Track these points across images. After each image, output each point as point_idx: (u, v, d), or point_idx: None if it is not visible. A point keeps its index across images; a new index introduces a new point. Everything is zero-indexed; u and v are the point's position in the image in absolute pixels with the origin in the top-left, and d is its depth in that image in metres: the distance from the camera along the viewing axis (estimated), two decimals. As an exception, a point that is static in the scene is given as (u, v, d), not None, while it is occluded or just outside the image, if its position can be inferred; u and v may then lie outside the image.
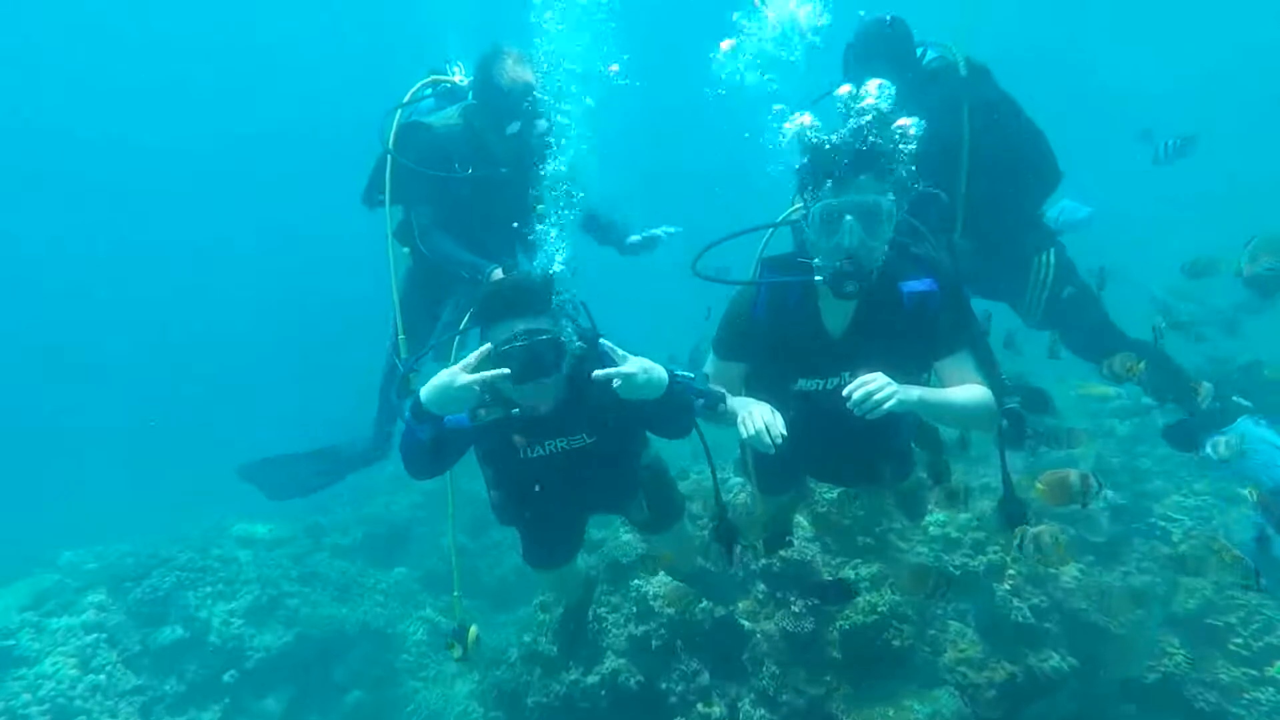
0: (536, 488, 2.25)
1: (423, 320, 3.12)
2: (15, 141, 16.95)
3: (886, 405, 1.84)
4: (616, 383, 1.89)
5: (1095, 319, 3.05)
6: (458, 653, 2.66)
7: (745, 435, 1.95)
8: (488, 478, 2.40)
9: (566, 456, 2.19)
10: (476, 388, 1.86)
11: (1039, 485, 2.31)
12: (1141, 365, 2.84)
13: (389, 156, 2.93)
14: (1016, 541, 2.17)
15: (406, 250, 3.13)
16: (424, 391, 1.89)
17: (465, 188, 2.93)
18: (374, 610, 5.70)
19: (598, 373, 1.88)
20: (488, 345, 1.91)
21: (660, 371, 1.96)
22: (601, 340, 1.99)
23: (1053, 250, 2.96)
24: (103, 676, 4.32)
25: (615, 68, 2.43)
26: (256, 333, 19.05)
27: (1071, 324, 3.04)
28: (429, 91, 3.16)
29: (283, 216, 20.88)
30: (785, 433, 1.92)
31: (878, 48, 2.67)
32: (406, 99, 3.08)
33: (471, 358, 1.89)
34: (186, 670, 4.86)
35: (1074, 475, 2.27)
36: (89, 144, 17.99)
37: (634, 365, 1.92)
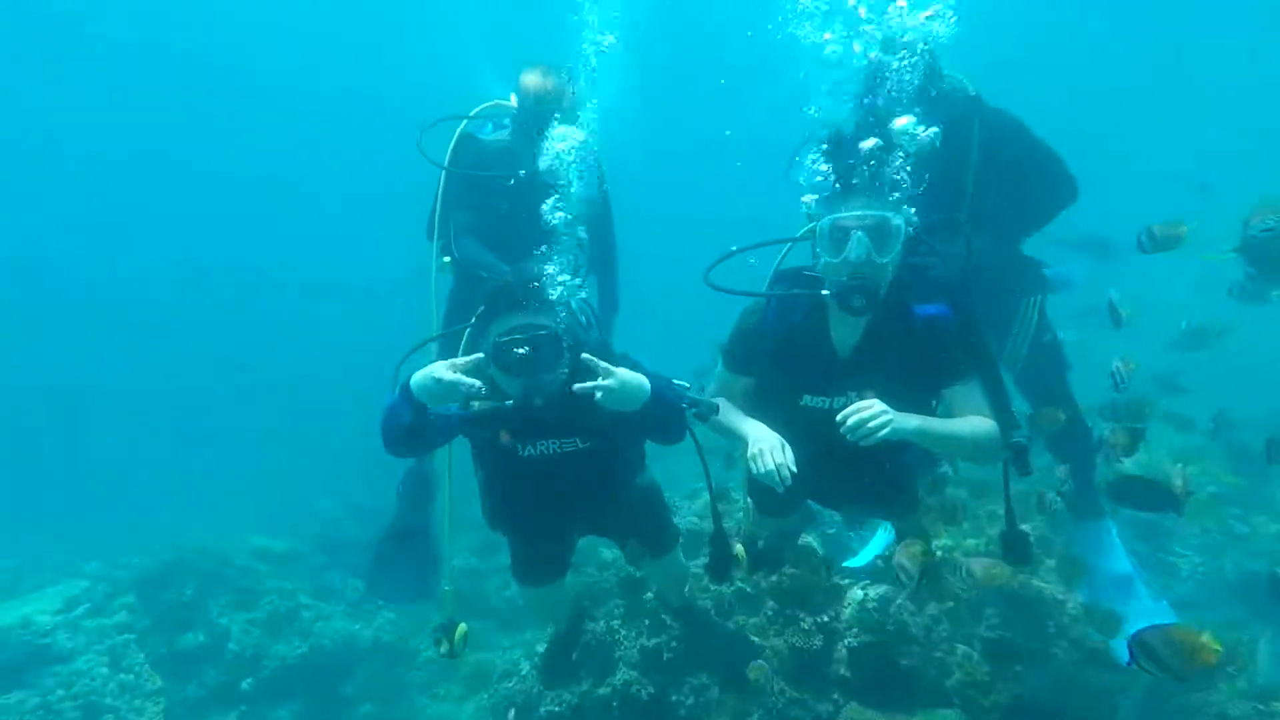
0: (527, 488, 2.25)
1: None
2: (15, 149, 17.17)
3: (881, 434, 1.81)
4: (598, 395, 1.90)
5: (1057, 369, 3.21)
6: (444, 648, 2.64)
7: (755, 473, 1.94)
8: (481, 481, 2.41)
9: (558, 460, 2.20)
10: (461, 388, 1.86)
11: (1176, 482, 2.55)
12: (1062, 416, 2.98)
13: (441, 173, 3.08)
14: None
15: (448, 260, 3.21)
16: (414, 377, 1.92)
17: (505, 199, 3.03)
18: (386, 627, 5.78)
19: (577, 385, 1.91)
20: (478, 355, 1.93)
21: (642, 384, 1.96)
22: (584, 356, 1.96)
23: (1040, 297, 3.11)
24: (131, 676, 4.45)
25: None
26: (265, 351, 19.29)
27: (1036, 370, 3.16)
28: (484, 114, 3.31)
29: (317, 235, 21.30)
30: (795, 470, 1.91)
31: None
32: (473, 114, 3.24)
33: (464, 359, 1.92)
34: (207, 675, 4.99)
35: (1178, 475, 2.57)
36: (91, 152, 18.28)
37: (614, 378, 1.91)
